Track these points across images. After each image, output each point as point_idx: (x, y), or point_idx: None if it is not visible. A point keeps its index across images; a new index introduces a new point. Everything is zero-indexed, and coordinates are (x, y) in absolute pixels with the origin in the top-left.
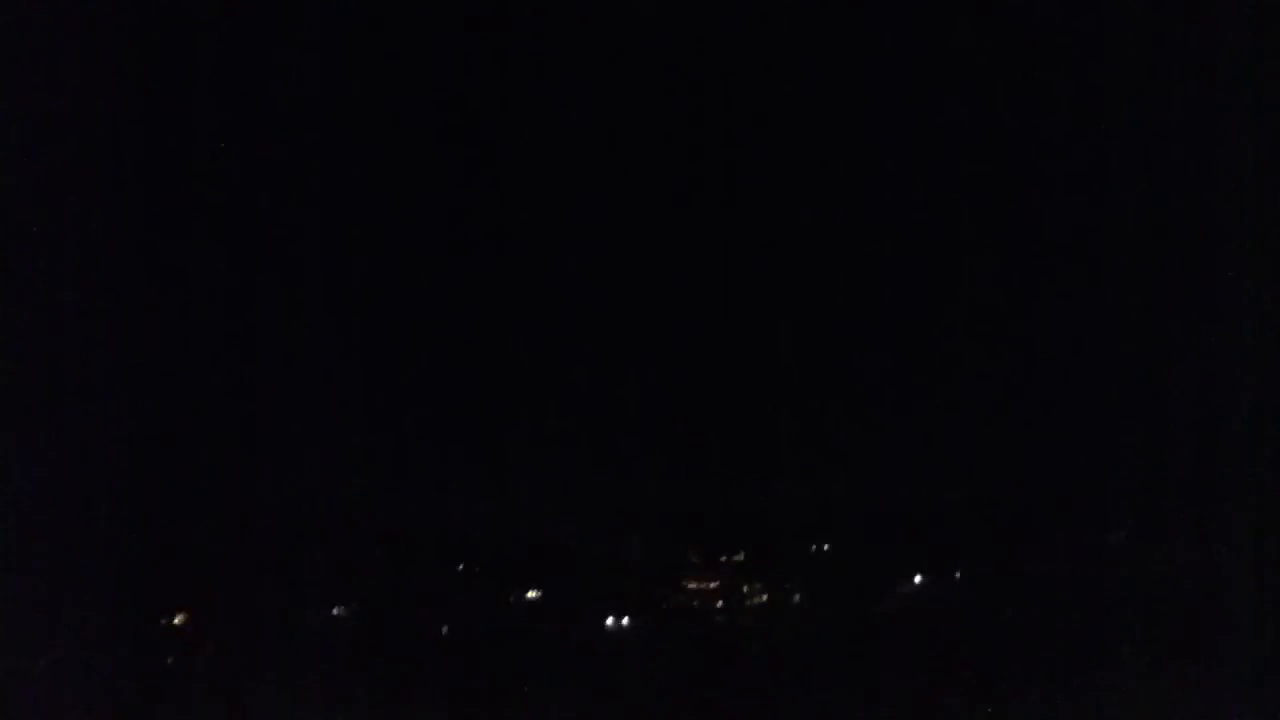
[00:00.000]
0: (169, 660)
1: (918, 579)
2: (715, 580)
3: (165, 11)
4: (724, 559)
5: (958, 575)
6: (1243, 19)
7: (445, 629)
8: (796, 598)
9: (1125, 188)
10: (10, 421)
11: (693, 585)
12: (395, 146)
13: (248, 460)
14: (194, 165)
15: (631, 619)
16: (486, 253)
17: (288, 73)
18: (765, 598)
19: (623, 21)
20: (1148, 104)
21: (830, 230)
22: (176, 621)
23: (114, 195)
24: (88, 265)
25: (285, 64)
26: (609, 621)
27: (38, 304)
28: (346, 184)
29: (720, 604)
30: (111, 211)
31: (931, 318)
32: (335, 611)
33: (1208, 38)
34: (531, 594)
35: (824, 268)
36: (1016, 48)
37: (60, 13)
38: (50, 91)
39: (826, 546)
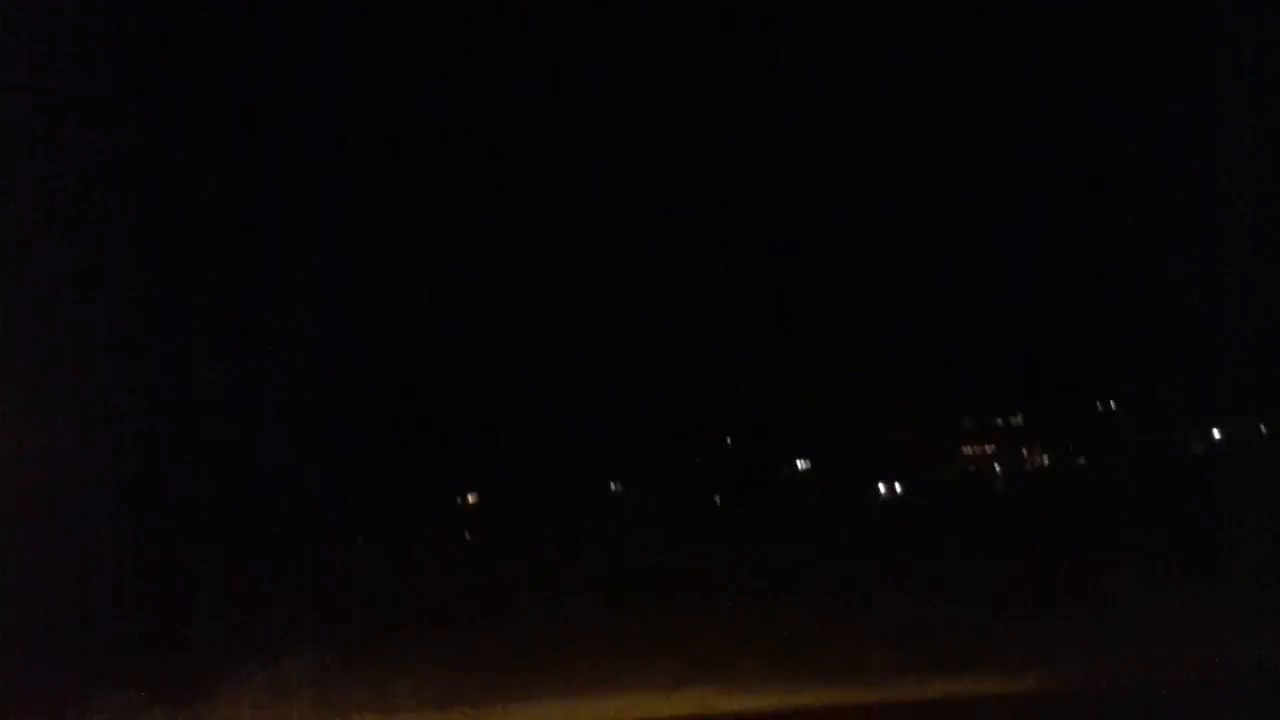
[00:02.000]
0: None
1: (1215, 433)
2: (991, 445)
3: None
4: (1000, 422)
5: (1262, 427)
6: None
7: (717, 499)
8: (1081, 459)
9: None
10: None
11: (968, 450)
12: None
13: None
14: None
15: (905, 486)
16: None
17: None
18: (1046, 459)
19: None
20: None
21: None
22: (469, 500)
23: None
24: None
25: None
26: (881, 489)
27: None
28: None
29: (998, 468)
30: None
31: None
32: (613, 487)
33: None
34: (801, 464)
35: None
36: None
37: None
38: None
39: (1111, 404)
